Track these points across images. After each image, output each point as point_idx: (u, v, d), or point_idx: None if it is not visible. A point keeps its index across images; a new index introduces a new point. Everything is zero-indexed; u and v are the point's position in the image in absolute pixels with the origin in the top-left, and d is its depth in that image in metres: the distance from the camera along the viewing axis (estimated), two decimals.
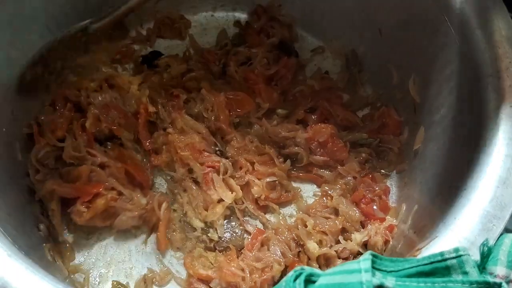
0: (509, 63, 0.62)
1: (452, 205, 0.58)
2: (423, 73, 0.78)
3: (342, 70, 0.94)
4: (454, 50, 0.70)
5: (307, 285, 0.37)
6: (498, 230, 0.53)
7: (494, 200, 0.55)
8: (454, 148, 0.67)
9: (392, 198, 0.83)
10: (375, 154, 0.85)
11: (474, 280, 0.39)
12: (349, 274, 0.37)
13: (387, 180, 0.85)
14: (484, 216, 0.54)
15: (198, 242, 0.78)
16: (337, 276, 0.38)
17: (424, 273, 0.42)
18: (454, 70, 0.70)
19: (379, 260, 0.44)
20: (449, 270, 0.42)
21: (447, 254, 0.42)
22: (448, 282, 0.40)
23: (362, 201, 0.80)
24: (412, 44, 0.79)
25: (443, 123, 0.72)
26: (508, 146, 0.58)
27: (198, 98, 0.85)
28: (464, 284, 0.39)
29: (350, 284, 0.36)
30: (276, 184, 0.82)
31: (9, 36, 0.73)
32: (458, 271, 0.42)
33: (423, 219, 0.69)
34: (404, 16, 0.79)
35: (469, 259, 0.42)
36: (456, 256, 0.42)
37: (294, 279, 0.36)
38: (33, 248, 0.71)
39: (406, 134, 0.84)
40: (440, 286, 0.40)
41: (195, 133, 0.82)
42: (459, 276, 0.41)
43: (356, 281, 0.36)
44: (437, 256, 0.43)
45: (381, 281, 0.38)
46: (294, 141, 0.84)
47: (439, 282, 0.40)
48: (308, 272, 0.38)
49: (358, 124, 0.88)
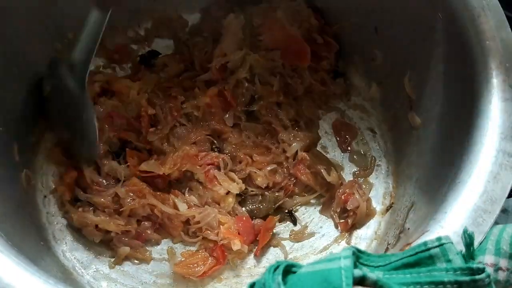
0: (501, 60, 0.62)
1: (443, 199, 0.57)
2: (418, 70, 0.78)
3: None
4: (448, 47, 0.70)
5: (287, 276, 0.37)
6: (488, 224, 0.53)
7: (485, 194, 0.55)
8: (448, 144, 0.67)
9: (389, 197, 0.83)
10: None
11: (457, 267, 0.40)
12: (329, 262, 0.38)
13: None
14: (475, 210, 0.54)
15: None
16: (318, 265, 0.38)
17: (409, 265, 0.42)
18: (448, 67, 0.70)
19: (366, 256, 0.44)
20: (433, 259, 0.42)
21: (430, 244, 0.43)
22: (432, 271, 0.40)
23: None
24: (408, 42, 0.80)
25: (437, 120, 0.72)
26: (500, 141, 0.58)
27: (191, 97, 0.86)
28: (449, 272, 0.40)
29: (329, 270, 0.36)
30: (277, 169, 0.83)
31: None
32: (442, 259, 0.42)
33: (417, 215, 0.69)
34: (400, 14, 0.79)
35: (452, 247, 0.43)
36: (439, 244, 0.43)
37: (274, 269, 0.37)
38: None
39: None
40: (425, 276, 0.40)
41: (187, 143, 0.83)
42: (443, 264, 0.42)
43: (336, 267, 0.36)
44: (421, 246, 0.43)
45: (364, 273, 0.38)
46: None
47: (424, 271, 0.41)
48: (287, 263, 0.38)
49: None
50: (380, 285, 0.37)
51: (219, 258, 0.77)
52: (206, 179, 0.80)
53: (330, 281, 0.35)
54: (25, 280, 0.51)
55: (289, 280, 0.37)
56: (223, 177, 0.80)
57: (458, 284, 0.38)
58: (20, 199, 0.75)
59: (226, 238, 0.77)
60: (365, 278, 0.38)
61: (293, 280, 0.37)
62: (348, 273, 0.36)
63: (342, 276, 0.36)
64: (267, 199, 0.82)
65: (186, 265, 0.77)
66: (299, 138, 0.85)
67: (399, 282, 0.40)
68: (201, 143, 0.83)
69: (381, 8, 0.82)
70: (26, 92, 0.79)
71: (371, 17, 0.84)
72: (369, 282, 0.37)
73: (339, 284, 0.35)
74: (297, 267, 0.38)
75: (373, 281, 0.37)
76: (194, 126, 0.85)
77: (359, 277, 0.38)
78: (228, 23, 0.87)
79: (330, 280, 0.35)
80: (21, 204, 0.75)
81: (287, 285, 0.36)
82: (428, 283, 0.39)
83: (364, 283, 0.38)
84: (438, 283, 0.39)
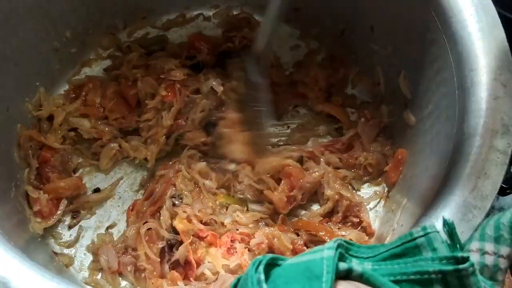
0: (493, 58, 0.63)
1: (435, 196, 0.58)
2: (413, 69, 0.79)
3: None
4: (442, 45, 0.70)
5: (271, 269, 0.38)
6: (478, 220, 0.54)
7: (475, 191, 0.55)
8: (440, 141, 0.68)
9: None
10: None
11: (443, 256, 0.40)
12: (313, 253, 0.38)
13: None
14: (465, 206, 0.55)
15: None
16: (302, 257, 0.39)
17: (397, 255, 0.43)
18: (441, 66, 0.71)
19: (356, 248, 0.45)
20: (419, 248, 0.43)
21: (415, 233, 0.43)
22: (418, 260, 0.41)
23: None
24: (403, 41, 0.80)
25: (431, 118, 0.73)
26: (490, 138, 0.58)
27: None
28: (434, 261, 0.40)
29: (312, 260, 0.37)
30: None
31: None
32: (428, 248, 0.42)
33: (409, 211, 0.69)
34: (395, 13, 0.80)
35: (437, 236, 0.43)
36: (424, 234, 0.43)
37: (257, 265, 0.37)
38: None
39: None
40: (411, 265, 0.41)
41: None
42: (429, 253, 0.42)
43: (318, 257, 0.37)
44: (407, 236, 0.43)
45: (350, 265, 0.38)
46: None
47: (411, 261, 0.41)
48: (270, 257, 0.39)
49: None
50: (366, 277, 0.37)
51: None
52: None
53: (312, 269, 0.36)
54: (21, 274, 0.52)
55: (273, 273, 0.38)
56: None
57: (442, 274, 0.39)
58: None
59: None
60: (351, 270, 0.38)
61: (277, 272, 0.38)
62: (330, 262, 0.36)
63: (323, 265, 0.36)
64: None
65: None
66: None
67: (387, 273, 0.40)
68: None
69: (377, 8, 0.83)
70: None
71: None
72: (355, 275, 0.38)
73: (320, 272, 0.35)
74: (282, 260, 0.39)
75: (359, 273, 0.38)
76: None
77: (344, 270, 0.38)
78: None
79: (312, 269, 0.36)
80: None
81: (270, 279, 0.37)
82: (414, 273, 0.39)
83: (350, 276, 0.38)
84: (424, 273, 0.39)
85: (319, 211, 0.80)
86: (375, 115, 0.87)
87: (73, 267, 0.78)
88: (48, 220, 0.78)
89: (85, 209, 0.82)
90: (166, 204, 0.77)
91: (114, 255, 0.76)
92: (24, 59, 0.80)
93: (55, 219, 0.78)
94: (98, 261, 0.76)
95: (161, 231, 0.75)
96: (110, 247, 0.77)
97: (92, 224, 0.82)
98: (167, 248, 0.74)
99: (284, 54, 0.96)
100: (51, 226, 0.79)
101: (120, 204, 0.84)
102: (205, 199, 0.79)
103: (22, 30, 0.78)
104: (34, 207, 0.77)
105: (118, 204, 0.84)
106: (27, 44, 0.80)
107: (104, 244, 0.78)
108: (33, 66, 0.82)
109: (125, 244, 0.77)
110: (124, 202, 0.84)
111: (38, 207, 0.77)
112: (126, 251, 0.76)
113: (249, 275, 0.36)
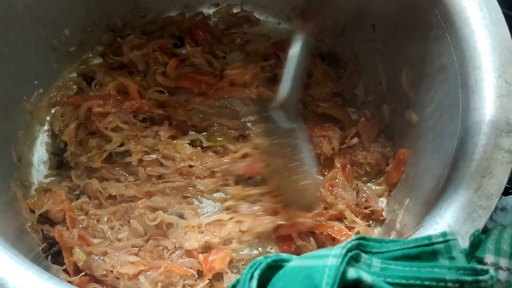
0: (497, 56, 0.62)
1: (439, 195, 0.57)
2: (415, 67, 0.78)
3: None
4: (445, 43, 0.69)
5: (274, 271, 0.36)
6: (483, 220, 0.53)
7: (480, 190, 0.55)
8: (443, 140, 0.67)
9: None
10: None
11: (461, 266, 0.38)
12: (318, 259, 0.36)
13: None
14: (470, 206, 0.54)
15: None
16: (307, 260, 0.37)
17: (410, 257, 0.41)
18: (444, 63, 0.70)
19: (365, 242, 0.43)
20: (435, 254, 0.41)
21: (434, 238, 0.41)
22: (434, 267, 0.39)
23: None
24: (405, 39, 0.79)
25: (434, 117, 0.72)
26: (495, 137, 0.58)
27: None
28: (451, 270, 0.38)
29: (315, 267, 0.35)
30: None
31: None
32: (445, 256, 0.40)
33: (412, 211, 0.68)
34: (397, 10, 0.79)
35: (457, 244, 0.41)
36: (444, 240, 0.41)
37: (252, 273, 0.35)
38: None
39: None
40: (426, 271, 0.39)
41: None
42: (446, 261, 0.40)
43: (321, 264, 0.35)
44: (425, 239, 0.41)
45: (359, 275, 0.36)
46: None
47: (426, 266, 0.39)
48: (271, 259, 0.37)
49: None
50: None
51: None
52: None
53: (312, 277, 0.34)
54: (19, 274, 0.51)
55: (275, 277, 0.36)
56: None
57: (460, 283, 0.37)
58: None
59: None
60: (360, 281, 0.36)
61: (278, 275, 0.36)
62: (332, 272, 0.34)
63: (324, 276, 0.34)
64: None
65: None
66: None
67: (399, 275, 0.39)
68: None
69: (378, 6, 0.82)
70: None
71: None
72: (364, 286, 0.36)
73: (319, 282, 0.33)
74: (286, 261, 0.37)
75: (368, 285, 0.36)
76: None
77: (353, 280, 0.36)
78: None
79: (312, 277, 0.34)
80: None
81: (270, 283, 0.35)
82: (429, 279, 0.38)
83: (359, 287, 0.36)
84: (440, 280, 0.38)
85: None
86: (376, 114, 0.87)
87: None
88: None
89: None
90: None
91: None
92: (22, 58, 0.79)
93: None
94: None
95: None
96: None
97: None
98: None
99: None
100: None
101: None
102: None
103: (20, 28, 0.77)
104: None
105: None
106: (25, 42, 0.79)
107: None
108: (31, 65, 0.82)
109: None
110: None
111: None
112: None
113: (241, 281, 0.34)
